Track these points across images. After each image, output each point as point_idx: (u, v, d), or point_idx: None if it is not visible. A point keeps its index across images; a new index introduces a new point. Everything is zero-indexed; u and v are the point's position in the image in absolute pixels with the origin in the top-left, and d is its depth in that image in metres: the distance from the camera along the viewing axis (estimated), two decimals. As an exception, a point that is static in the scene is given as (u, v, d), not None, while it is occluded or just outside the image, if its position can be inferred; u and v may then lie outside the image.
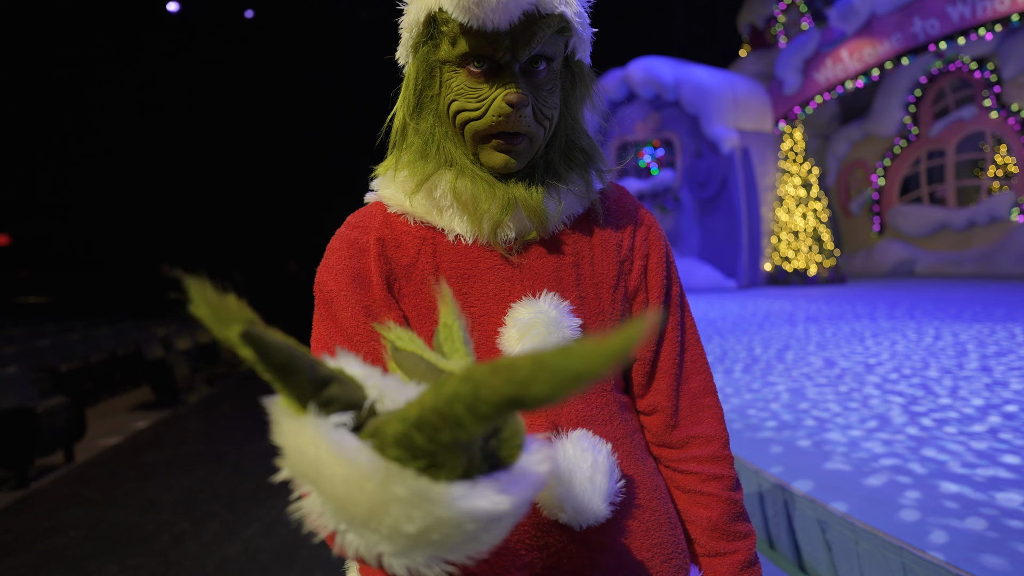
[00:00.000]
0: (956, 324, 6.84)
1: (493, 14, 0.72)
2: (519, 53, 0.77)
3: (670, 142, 15.56)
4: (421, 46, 0.82)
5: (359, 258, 0.84)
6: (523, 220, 0.83)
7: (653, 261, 0.92)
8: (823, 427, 3.47)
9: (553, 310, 0.79)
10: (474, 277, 0.83)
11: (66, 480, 5.04)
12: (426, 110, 0.84)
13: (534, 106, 0.80)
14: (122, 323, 11.14)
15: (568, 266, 0.86)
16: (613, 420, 0.86)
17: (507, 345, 0.79)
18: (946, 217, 14.60)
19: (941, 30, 12.42)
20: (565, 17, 0.78)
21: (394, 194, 0.86)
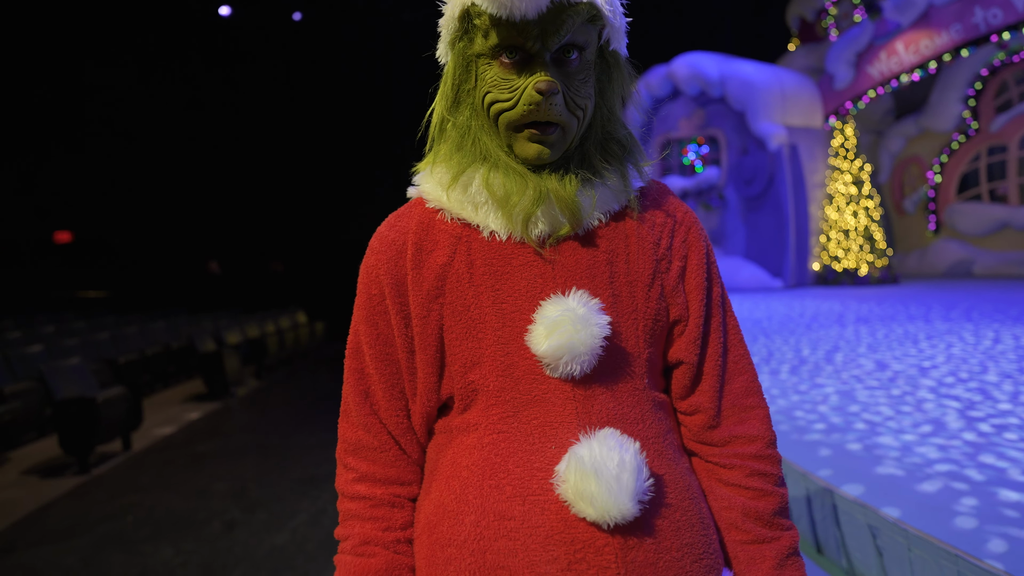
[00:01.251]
0: (1017, 327, 6.53)
1: (521, 3, 0.73)
2: (548, 42, 0.78)
3: (715, 139, 15.28)
4: (457, 42, 0.85)
5: (397, 261, 0.87)
6: (555, 214, 0.83)
7: (693, 262, 0.90)
8: (874, 431, 3.37)
9: (581, 307, 0.79)
10: (507, 274, 0.84)
11: (124, 467, 5.27)
12: (463, 104, 0.86)
13: (566, 95, 0.80)
14: (176, 317, 11.56)
15: (602, 263, 0.85)
16: (645, 419, 0.85)
17: (535, 342, 0.80)
18: (1008, 215, 13.94)
19: (1004, 19, 11.84)
20: (595, 5, 0.79)
21: (433, 189, 0.88)
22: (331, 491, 4.32)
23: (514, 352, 0.82)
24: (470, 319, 0.83)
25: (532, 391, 0.81)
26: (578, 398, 0.81)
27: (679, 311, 0.89)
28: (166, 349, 8.64)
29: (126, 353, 7.96)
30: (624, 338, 0.84)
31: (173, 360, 8.76)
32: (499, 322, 0.83)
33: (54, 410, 5.21)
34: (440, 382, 0.86)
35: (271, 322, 10.72)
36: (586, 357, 0.79)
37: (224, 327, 9.47)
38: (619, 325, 0.84)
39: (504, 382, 0.82)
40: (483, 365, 0.83)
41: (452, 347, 0.84)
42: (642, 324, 0.86)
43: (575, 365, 0.79)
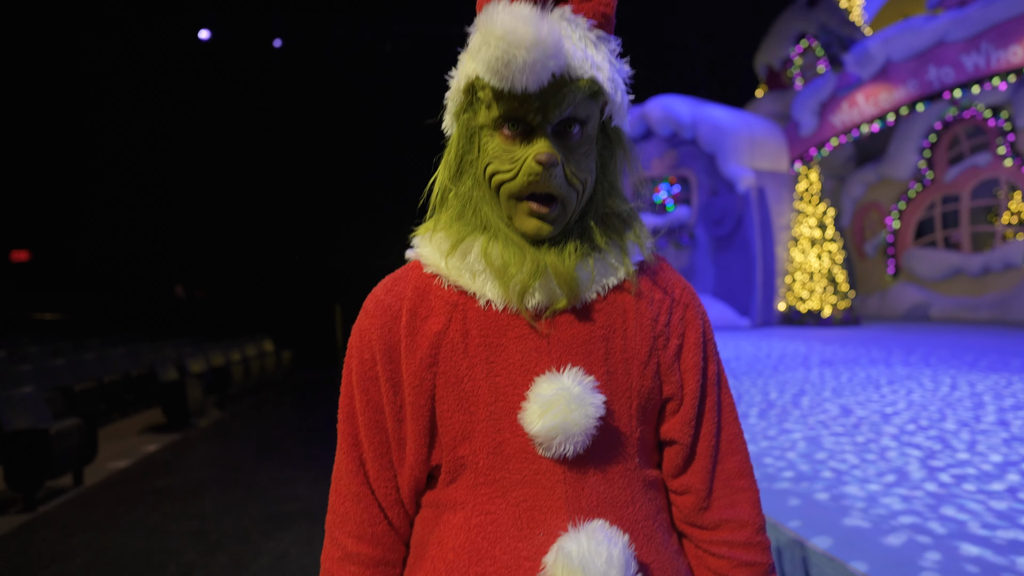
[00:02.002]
0: (972, 373, 6.76)
1: (521, 75, 0.74)
2: (550, 115, 0.79)
3: (686, 179, 15.66)
4: (462, 113, 0.86)
5: (391, 326, 0.86)
6: (552, 287, 0.83)
7: (690, 340, 0.90)
8: (841, 479, 3.43)
9: (576, 386, 0.78)
10: (502, 346, 0.83)
11: (74, 503, 5.02)
12: (466, 174, 0.87)
13: (566, 168, 0.81)
14: (138, 343, 11.22)
15: (598, 339, 0.85)
16: (636, 501, 0.84)
17: (528, 421, 0.79)
18: (961, 262, 14.51)
19: (956, 78, 12.52)
20: (596, 81, 0.80)
21: (431, 254, 0.88)
22: (295, 531, 4.19)
23: (506, 429, 0.81)
24: (463, 391, 0.82)
25: (522, 471, 0.80)
26: (569, 481, 0.80)
27: (672, 389, 0.88)
28: (125, 377, 8.36)
29: (83, 381, 7.67)
30: (617, 417, 0.84)
31: (132, 388, 8.46)
32: (492, 396, 0.82)
33: (2, 442, 4.96)
34: (430, 453, 0.85)
35: (237, 350, 10.47)
36: (580, 438, 0.78)
37: (188, 354, 9.22)
38: (612, 403, 0.83)
39: (494, 460, 0.81)
40: (473, 440, 0.82)
41: (443, 418, 0.83)
42: (635, 402, 0.85)
43: (568, 445, 0.78)
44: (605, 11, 0.84)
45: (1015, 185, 13.70)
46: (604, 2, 0.84)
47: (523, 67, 0.74)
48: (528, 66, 0.74)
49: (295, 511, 4.57)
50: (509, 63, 0.74)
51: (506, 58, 0.74)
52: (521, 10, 0.75)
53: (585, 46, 0.80)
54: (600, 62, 0.81)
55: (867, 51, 13.78)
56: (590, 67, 0.79)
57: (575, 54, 0.78)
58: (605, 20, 0.85)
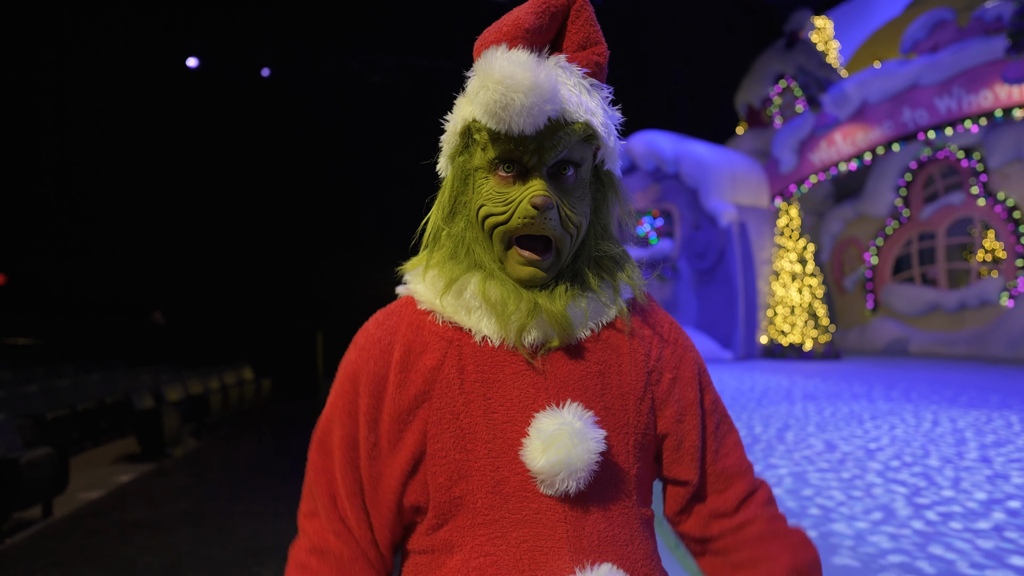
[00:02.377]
0: (953, 409, 6.83)
1: (519, 118, 0.77)
2: (545, 156, 0.80)
3: (669, 213, 15.87)
4: (458, 156, 0.87)
5: (381, 360, 0.85)
6: (547, 326, 0.83)
7: (685, 375, 0.91)
8: (828, 517, 3.42)
9: (578, 421, 0.78)
10: (498, 382, 0.83)
11: (43, 537, 4.85)
12: (459, 215, 0.88)
13: (561, 210, 0.82)
14: (113, 370, 10.97)
15: (594, 375, 0.85)
16: (634, 540, 0.84)
17: (530, 457, 0.78)
18: (938, 298, 14.78)
19: (929, 120, 12.93)
20: (591, 125, 0.82)
21: (425, 291, 0.88)
22: (273, 567, 4.07)
23: (504, 467, 0.80)
24: (459, 428, 0.81)
25: (522, 510, 0.79)
26: (569, 520, 0.79)
27: (667, 425, 0.89)
28: (100, 404, 8.15)
29: (56, 408, 7.46)
30: (615, 453, 0.83)
31: (106, 416, 8.25)
32: (490, 433, 0.80)
33: (-30, 472, 4.80)
34: (404, 492, 0.83)
35: (215, 378, 10.28)
36: (583, 473, 0.78)
37: (165, 382, 9.03)
38: (611, 440, 0.83)
39: (493, 499, 0.79)
40: (471, 479, 0.80)
41: (437, 457, 0.81)
42: (632, 439, 0.85)
43: (571, 482, 0.77)
44: (598, 60, 0.88)
45: (988, 224, 14.06)
46: (597, 52, 0.88)
47: (520, 110, 0.76)
48: (526, 109, 0.76)
49: (272, 545, 4.45)
50: (507, 106, 0.76)
51: (504, 101, 0.76)
52: (519, 56, 0.78)
53: (579, 92, 0.83)
54: (594, 108, 0.84)
55: (844, 92, 14.20)
56: (584, 112, 0.81)
57: (570, 99, 0.80)
58: (598, 69, 0.88)
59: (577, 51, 0.87)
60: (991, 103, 12.07)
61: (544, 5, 0.84)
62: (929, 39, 13.92)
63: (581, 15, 0.87)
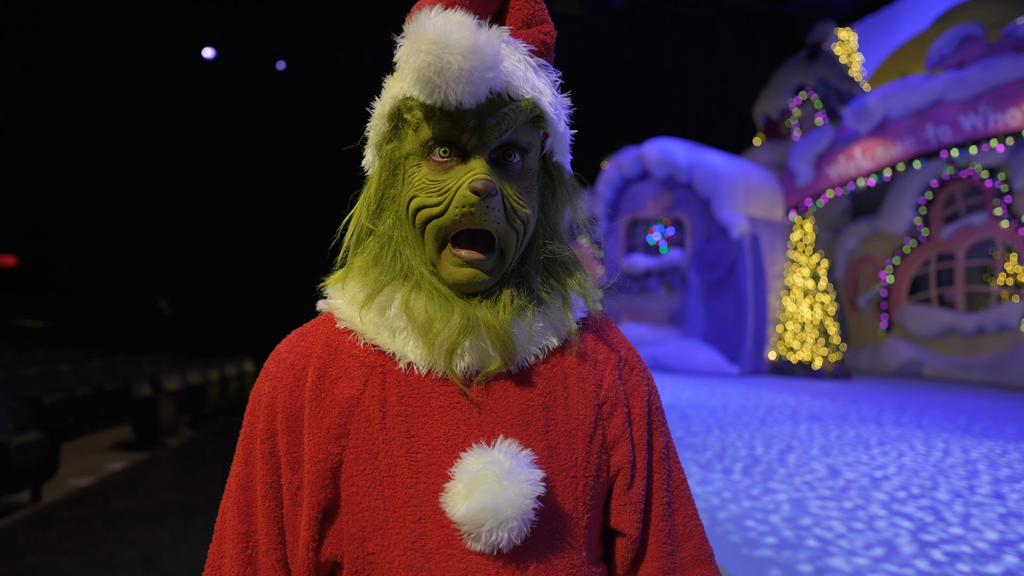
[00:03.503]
0: (966, 438, 6.62)
1: (456, 85, 0.66)
2: (487, 136, 0.69)
3: (681, 222, 15.69)
4: (385, 143, 0.76)
5: (293, 391, 0.73)
6: (484, 346, 0.71)
7: (635, 411, 0.79)
8: (826, 550, 3.26)
9: (508, 460, 0.66)
10: (424, 416, 0.70)
11: (28, 522, 4.82)
12: (387, 212, 0.76)
13: (506, 201, 0.71)
14: (115, 356, 10.99)
15: (537, 408, 0.73)
16: None
17: (451, 504, 0.66)
18: (955, 321, 14.47)
19: (953, 138, 12.66)
20: (538, 105, 0.72)
21: (346, 306, 0.76)
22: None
23: (427, 518, 0.67)
24: (376, 469, 0.69)
25: (446, 571, 0.66)
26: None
27: (619, 463, 0.76)
28: (98, 390, 8.13)
29: (54, 392, 7.45)
30: (561, 500, 0.71)
31: (104, 403, 8.23)
32: (412, 478, 0.68)
33: (-42, 454, 4.77)
34: (321, 545, 0.70)
35: (215, 368, 10.25)
36: (514, 523, 0.65)
37: (164, 371, 9.01)
38: (555, 484, 0.70)
39: (412, 558, 0.67)
40: (387, 532, 0.68)
41: (350, 503, 0.69)
42: (582, 483, 0.72)
43: (501, 533, 0.64)
44: (545, 39, 0.76)
45: (1011, 247, 13.75)
46: (544, 31, 0.77)
47: (459, 75, 0.65)
48: (464, 74, 0.65)
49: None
50: (443, 70, 0.65)
51: (439, 64, 0.65)
52: (456, 16, 0.67)
53: (525, 68, 0.72)
54: (542, 87, 0.73)
55: (865, 106, 13.95)
56: (531, 89, 0.71)
57: (515, 73, 0.70)
58: (545, 48, 0.77)
59: (522, 28, 0.76)
60: (1019, 122, 11.79)
61: None
62: (956, 54, 13.65)
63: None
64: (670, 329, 15.39)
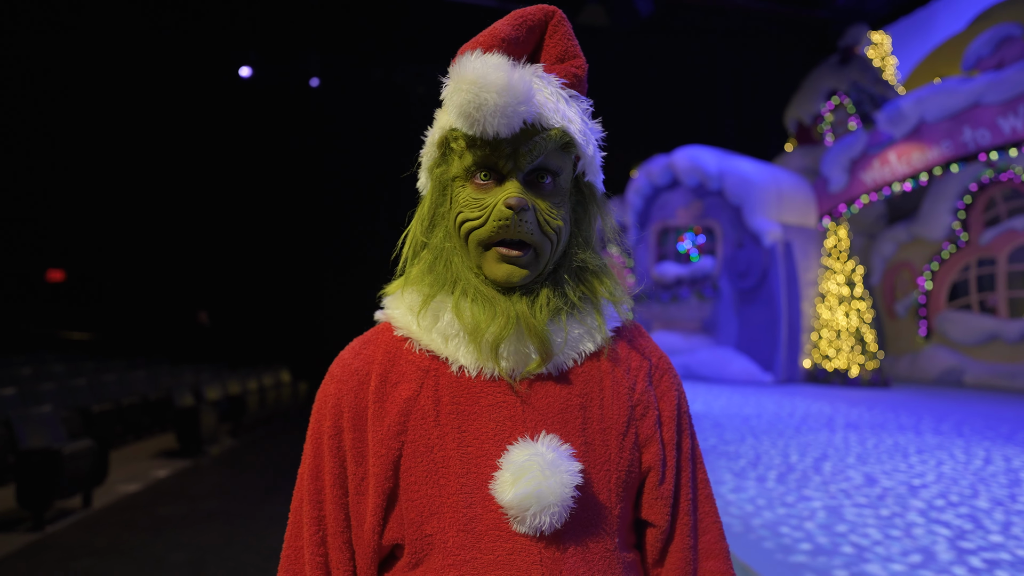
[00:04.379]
0: (1008, 447, 6.45)
1: (492, 119, 0.76)
2: (521, 162, 0.80)
3: (712, 230, 15.58)
4: (436, 167, 0.87)
5: (358, 393, 0.83)
6: (524, 349, 0.80)
7: (665, 414, 0.88)
8: (862, 556, 3.25)
9: (550, 452, 0.75)
10: (474, 415, 0.80)
11: (80, 526, 5.02)
12: (438, 227, 0.87)
13: (538, 215, 0.81)
14: (158, 367, 11.36)
15: (575, 407, 0.82)
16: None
17: (500, 490, 0.75)
18: (997, 327, 14.06)
19: (992, 141, 12.37)
20: (567, 132, 0.81)
21: (402, 315, 0.86)
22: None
23: (478, 503, 0.77)
24: (432, 461, 0.78)
25: (495, 550, 0.75)
26: (545, 562, 0.75)
27: (651, 461, 0.85)
28: (143, 400, 8.43)
29: (101, 402, 7.76)
30: (596, 491, 0.80)
31: (149, 412, 8.53)
32: (463, 468, 0.78)
33: (16, 459, 5.01)
34: (384, 529, 0.80)
35: (254, 379, 10.53)
36: (555, 508, 0.74)
37: (205, 381, 9.29)
38: (591, 476, 0.79)
39: (464, 538, 0.76)
40: (442, 516, 0.77)
41: (409, 492, 0.78)
42: (615, 476, 0.81)
43: (544, 517, 0.73)
44: (577, 72, 0.87)
45: (1054, 251, 13.35)
46: (576, 64, 0.87)
47: (494, 110, 0.76)
48: (499, 109, 0.76)
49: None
50: (480, 107, 0.76)
51: (477, 102, 0.76)
52: (492, 59, 0.79)
53: (556, 100, 0.82)
54: (571, 116, 0.83)
55: (900, 110, 13.72)
56: (561, 118, 0.81)
57: (546, 105, 0.80)
58: (577, 81, 0.87)
59: (555, 63, 0.87)
60: (1060, 124, 11.48)
61: (521, 18, 0.85)
62: (994, 56, 13.36)
63: (559, 29, 0.87)
64: (702, 337, 15.25)
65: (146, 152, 16.55)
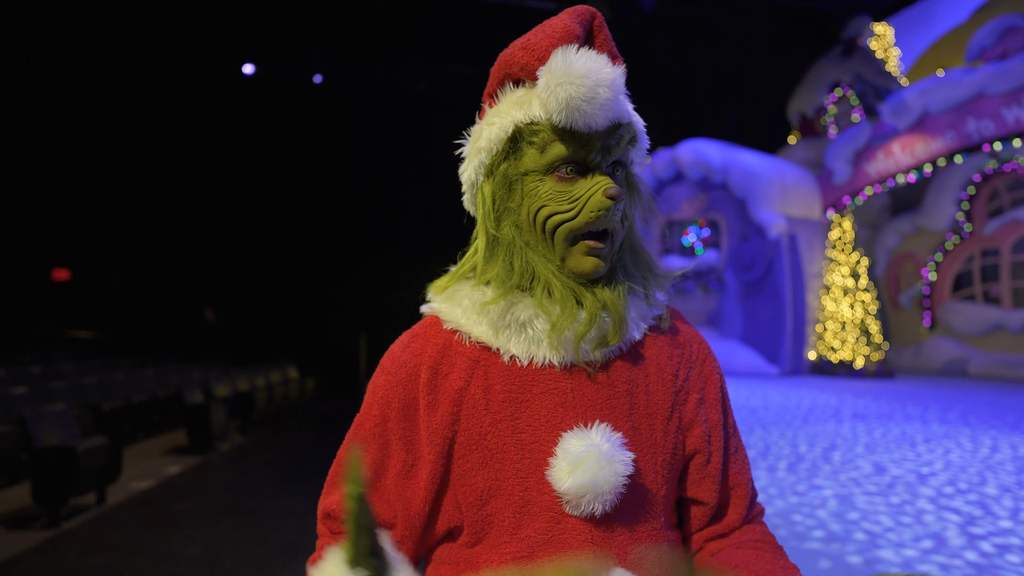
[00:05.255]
0: (1015, 435, 6.48)
1: (602, 112, 0.79)
2: (608, 155, 0.82)
3: (716, 223, 15.59)
4: (501, 162, 0.86)
5: (407, 385, 0.86)
6: (605, 326, 0.83)
7: (710, 396, 0.91)
8: (874, 542, 3.29)
9: (606, 443, 0.77)
10: (527, 402, 0.82)
11: (96, 523, 5.06)
12: (504, 222, 0.86)
13: None
14: (166, 364, 11.41)
15: (622, 394, 0.84)
16: (662, 563, 0.82)
17: (557, 478, 0.78)
18: (1001, 317, 14.07)
19: (996, 131, 12.35)
20: (635, 126, 0.85)
21: (450, 309, 0.87)
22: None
23: (533, 487, 0.80)
24: (487, 448, 0.81)
25: (549, 531, 0.79)
26: (596, 540, 0.79)
27: (695, 443, 0.88)
28: (153, 398, 8.48)
29: (111, 400, 7.80)
30: (643, 474, 0.83)
31: (159, 409, 8.58)
32: (518, 454, 0.81)
33: (31, 457, 5.05)
34: (440, 514, 0.84)
35: (262, 375, 10.57)
36: (609, 496, 0.77)
37: (214, 378, 9.33)
38: (639, 461, 0.82)
39: (520, 519, 0.79)
40: (499, 498, 0.81)
41: (466, 477, 0.82)
42: (660, 459, 0.84)
43: (597, 504, 0.77)
44: (612, 50, 0.88)
45: (1058, 241, 13.34)
46: (620, 63, 0.87)
47: (604, 104, 0.78)
48: (609, 104, 0.79)
49: (311, 542, 4.53)
50: (593, 100, 0.78)
51: (591, 95, 0.78)
52: (596, 55, 0.81)
53: (622, 94, 0.84)
54: (631, 112, 0.86)
55: (904, 102, 13.70)
56: (629, 114, 0.84)
57: (620, 99, 0.82)
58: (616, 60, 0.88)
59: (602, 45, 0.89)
60: (1064, 113, 11.46)
61: (579, 15, 0.86)
62: (998, 46, 13.33)
63: (603, 30, 0.89)
64: (707, 330, 15.28)
65: (149, 149, 16.58)
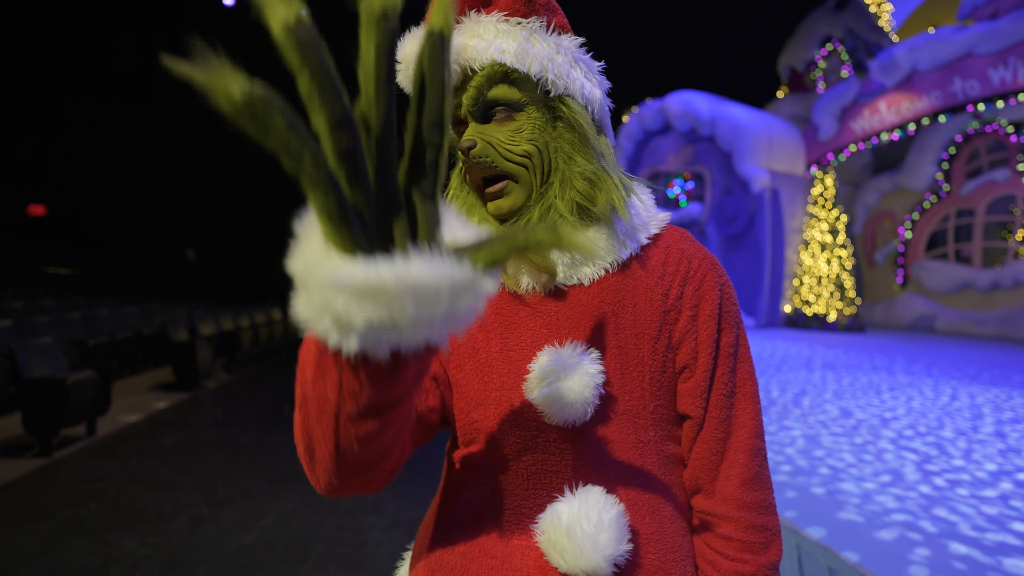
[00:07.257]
0: (973, 386, 6.82)
1: None
2: (463, 107, 0.87)
3: (701, 176, 15.64)
4: None
5: None
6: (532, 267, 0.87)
7: (705, 312, 0.89)
8: (837, 476, 3.52)
9: (573, 356, 0.82)
10: (515, 324, 0.89)
11: (88, 453, 5.16)
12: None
13: (496, 146, 0.86)
14: (149, 303, 11.36)
15: (608, 315, 0.87)
16: (647, 473, 0.85)
17: (529, 389, 0.84)
18: (971, 276, 14.50)
19: (981, 91, 12.44)
20: (498, 63, 0.83)
21: None
22: (302, 493, 4.31)
23: (516, 398, 0.85)
24: (478, 361, 0.89)
25: (534, 438, 0.85)
26: (577, 448, 0.84)
27: (685, 359, 0.89)
28: (137, 335, 8.49)
29: (97, 336, 7.81)
30: (630, 389, 0.86)
31: (143, 346, 8.61)
32: (505, 368, 0.87)
33: (20, 389, 5.10)
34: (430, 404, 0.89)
35: (246, 316, 10.61)
36: (578, 406, 0.81)
37: (198, 317, 9.35)
38: (624, 376, 0.86)
39: (506, 427, 0.86)
40: (487, 407, 0.87)
41: (459, 386, 0.89)
42: (648, 376, 0.87)
43: (567, 412, 0.81)
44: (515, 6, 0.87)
45: (1031, 203, 13.65)
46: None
47: None
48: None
49: (301, 474, 4.68)
50: None
51: None
52: None
53: (493, 36, 0.84)
54: (506, 45, 0.83)
55: (893, 58, 13.68)
56: (495, 51, 0.83)
57: (478, 47, 0.84)
58: (529, 6, 0.87)
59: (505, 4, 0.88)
60: (1048, 76, 11.56)
61: None
62: (989, 5, 13.28)
63: None
64: (686, 283, 15.51)
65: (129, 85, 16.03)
